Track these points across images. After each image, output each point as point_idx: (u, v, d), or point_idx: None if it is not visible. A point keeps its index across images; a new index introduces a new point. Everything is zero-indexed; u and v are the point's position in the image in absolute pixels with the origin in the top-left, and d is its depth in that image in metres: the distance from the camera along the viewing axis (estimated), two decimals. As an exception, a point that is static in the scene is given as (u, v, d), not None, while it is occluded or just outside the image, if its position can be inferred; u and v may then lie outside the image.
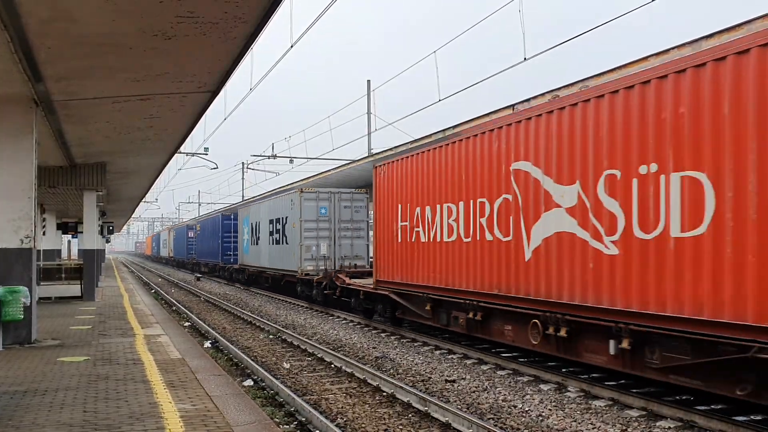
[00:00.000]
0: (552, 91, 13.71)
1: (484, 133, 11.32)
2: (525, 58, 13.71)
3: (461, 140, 12.06)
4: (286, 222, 23.52)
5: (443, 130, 20.06)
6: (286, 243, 23.55)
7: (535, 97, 14.43)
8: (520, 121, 10.35)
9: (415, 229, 13.75)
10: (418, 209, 13.66)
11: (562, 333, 9.35)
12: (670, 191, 7.58)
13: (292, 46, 14.08)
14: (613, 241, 8.40)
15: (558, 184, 9.46)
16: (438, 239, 12.80)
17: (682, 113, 7.45)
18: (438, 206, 12.80)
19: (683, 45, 10.79)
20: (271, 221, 25.88)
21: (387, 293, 15.07)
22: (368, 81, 31.15)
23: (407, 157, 14.23)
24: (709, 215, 7.14)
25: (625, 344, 8.25)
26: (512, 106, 15.11)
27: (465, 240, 11.82)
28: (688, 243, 7.35)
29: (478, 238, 11.43)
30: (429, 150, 13.27)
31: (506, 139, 10.65)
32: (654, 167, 7.81)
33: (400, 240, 14.43)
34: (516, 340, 10.82)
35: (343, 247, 22.14)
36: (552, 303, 9.49)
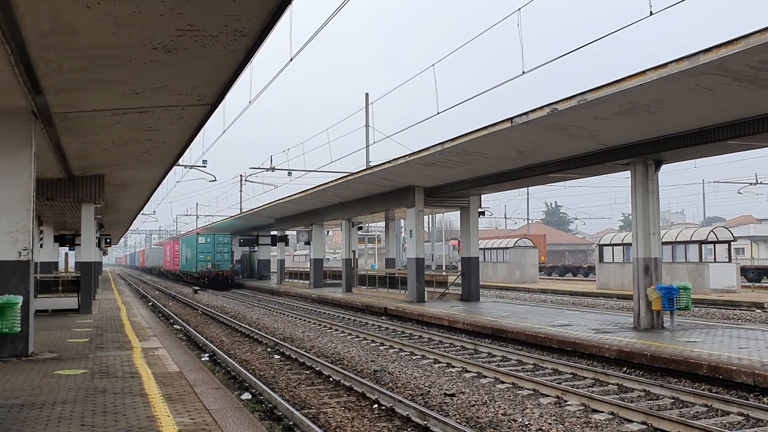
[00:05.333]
0: (551, 104, 13.72)
1: None
2: (523, 72, 13.77)
3: None
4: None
5: (441, 143, 20.04)
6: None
7: (533, 110, 14.44)
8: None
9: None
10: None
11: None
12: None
13: (291, 60, 14.14)
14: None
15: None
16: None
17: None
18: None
19: (681, 59, 10.82)
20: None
21: None
22: (366, 94, 31.32)
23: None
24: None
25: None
26: (511, 119, 15.13)
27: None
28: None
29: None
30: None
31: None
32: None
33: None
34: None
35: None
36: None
